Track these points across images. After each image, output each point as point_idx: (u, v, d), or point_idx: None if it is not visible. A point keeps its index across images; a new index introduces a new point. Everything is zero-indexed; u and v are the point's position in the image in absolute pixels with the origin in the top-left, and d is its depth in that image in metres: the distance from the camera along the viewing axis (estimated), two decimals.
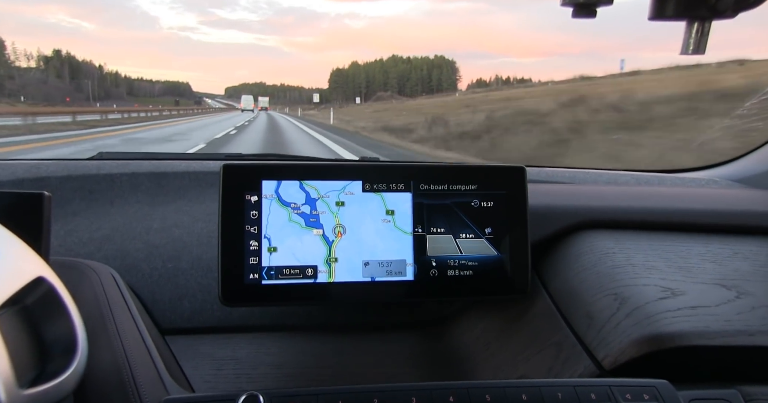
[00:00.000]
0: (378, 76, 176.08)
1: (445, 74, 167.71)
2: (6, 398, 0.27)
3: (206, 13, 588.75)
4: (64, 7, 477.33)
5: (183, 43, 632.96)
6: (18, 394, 0.28)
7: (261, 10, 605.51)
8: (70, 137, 12.47)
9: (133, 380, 0.46)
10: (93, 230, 0.74)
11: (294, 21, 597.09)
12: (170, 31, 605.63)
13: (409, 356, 0.69)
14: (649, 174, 1.02)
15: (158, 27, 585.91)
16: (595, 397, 0.45)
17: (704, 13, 0.38)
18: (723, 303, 0.55)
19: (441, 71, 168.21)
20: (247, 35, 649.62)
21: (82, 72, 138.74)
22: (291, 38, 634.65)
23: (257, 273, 0.58)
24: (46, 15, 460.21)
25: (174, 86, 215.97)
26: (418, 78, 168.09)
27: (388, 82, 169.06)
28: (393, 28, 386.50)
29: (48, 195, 0.47)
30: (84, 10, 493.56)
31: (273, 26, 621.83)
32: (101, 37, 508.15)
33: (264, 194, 0.59)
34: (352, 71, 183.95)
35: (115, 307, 0.54)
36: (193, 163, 0.88)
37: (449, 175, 0.62)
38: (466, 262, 0.61)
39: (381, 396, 0.44)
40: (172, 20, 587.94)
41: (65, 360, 0.33)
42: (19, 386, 0.29)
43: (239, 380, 0.62)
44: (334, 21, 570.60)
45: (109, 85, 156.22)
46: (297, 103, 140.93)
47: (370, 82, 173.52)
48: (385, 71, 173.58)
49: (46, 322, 0.33)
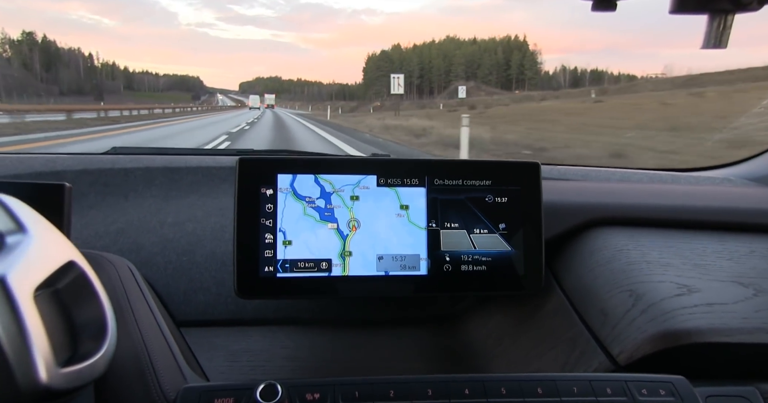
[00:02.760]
0: (437, 61, 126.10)
1: (527, 59, 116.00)
2: (46, 375, 0.28)
3: (224, 9, 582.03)
4: (85, 4, 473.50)
5: (200, 39, 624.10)
6: (56, 372, 0.29)
7: (278, 6, 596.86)
8: None
9: (152, 368, 0.46)
10: (108, 224, 0.75)
11: (311, 17, 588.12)
12: (188, 27, 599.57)
13: (422, 351, 0.69)
14: (662, 172, 1.02)
15: (177, 23, 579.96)
16: (611, 392, 0.44)
17: (727, 6, 0.37)
18: (740, 301, 0.55)
19: (522, 55, 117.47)
20: (263, 31, 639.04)
21: (62, 61, 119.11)
22: (307, 34, 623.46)
23: (272, 266, 0.58)
24: (69, 12, 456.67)
25: (181, 80, 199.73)
26: (492, 64, 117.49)
27: (452, 70, 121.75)
28: (410, 24, 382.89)
29: (68, 186, 0.48)
30: (105, 7, 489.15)
31: (290, 22, 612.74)
32: (121, 33, 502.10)
33: (279, 188, 0.59)
34: (396, 56, 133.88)
35: (133, 298, 0.54)
36: (205, 159, 0.88)
37: (463, 171, 0.62)
38: (480, 257, 0.61)
39: (397, 388, 0.44)
40: (191, 16, 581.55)
41: (96, 343, 0.33)
42: (56, 365, 0.30)
43: (254, 371, 0.62)
44: (350, 17, 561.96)
45: (104, 77, 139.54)
46: (317, 100, 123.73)
47: (425, 70, 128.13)
48: (445, 55, 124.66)
49: (77, 305, 0.33)
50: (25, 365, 0.28)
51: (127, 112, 27.65)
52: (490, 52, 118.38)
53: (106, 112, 26.79)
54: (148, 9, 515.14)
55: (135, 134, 14.00)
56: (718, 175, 1.02)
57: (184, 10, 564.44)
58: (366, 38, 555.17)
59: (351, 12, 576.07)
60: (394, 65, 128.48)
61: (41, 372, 0.28)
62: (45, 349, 0.29)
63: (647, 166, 1.07)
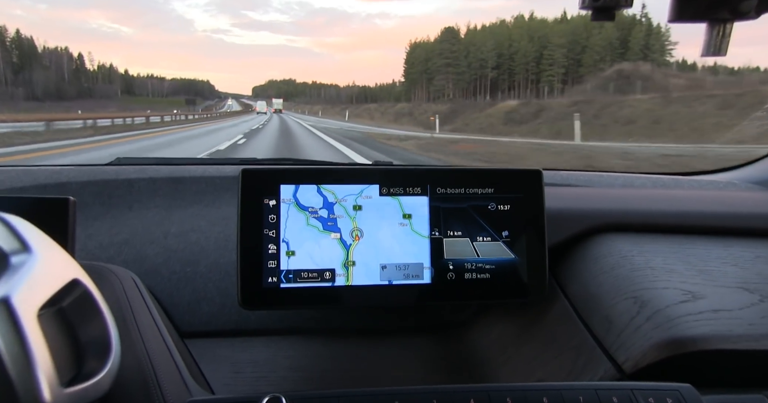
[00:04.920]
0: (522, 44, 79.17)
1: (654, 37, 67.41)
2: (49, 396, 0.28)
3: (239, 15, 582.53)
4: (104, 12, 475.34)
5: (216, 45, 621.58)
6: (60, 392, 0.29)
7: (293, 11, 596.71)
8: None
9: (156, 381, 0.46)
10: (113, 235, 0.75)
11: (325, 22, 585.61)
12: (204, 33, 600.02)
13: (425, 360, 0.68)
14: (665, 177, 1.01)
15: (192, 30, 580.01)
16: (617, 400, 0.44)
17: (725, 16, 0.38)
18: (746, 307, 0.54)
19: (646, 34, 68.80)
20: (278, 37, 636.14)
21: (38, 60, 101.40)
22: (322, 39, 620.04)
23: (276, 276, 0.58)
24: (88, 21, 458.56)
25: (189, 84, 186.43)
26: (606, 43, 70.20)
27: (546, 54, 75.67)
28: (424, 27, 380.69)
29: (73, 200, 0.48)
30: (123, 14, 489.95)
31: (304, 27, 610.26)
32: (138, 41, 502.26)
33: (282, 198, 0.59)
34: (468, 39, 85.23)
35: (137, 310, 0.54)
36: (209, 168, 0.89)
37: (466, 179, 0.62)
38: (483, 265, 0.61)
39: (402, 399, 0.44)
40: (206, 23, 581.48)
41: (100, 361, 0.33)
42: (60, 385, 0.30)
43: (258, 382, 0.62)
44: (364, 21, 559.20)
45: (99, 81, 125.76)
46: (336, 103, 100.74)
47: (504, 58, 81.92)
48: (531, 36, 78.87)
49: (81, 324, 0.33)
50: (28, 386, 0.28)
51: (91, 121, 19.28)
52: (597, 28, 70.96)
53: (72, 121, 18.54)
54: (164, 16, 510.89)
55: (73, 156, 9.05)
56: (721, 179, 1.02)
57: (199, 17, 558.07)
58: (380, 42, 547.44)
59: (365, 16, 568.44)
60: (458, 54, 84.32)
61: (45, 393, 0.28)
62: (49, 369, 0.29)
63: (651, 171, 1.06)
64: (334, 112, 60.44)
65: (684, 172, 1.10)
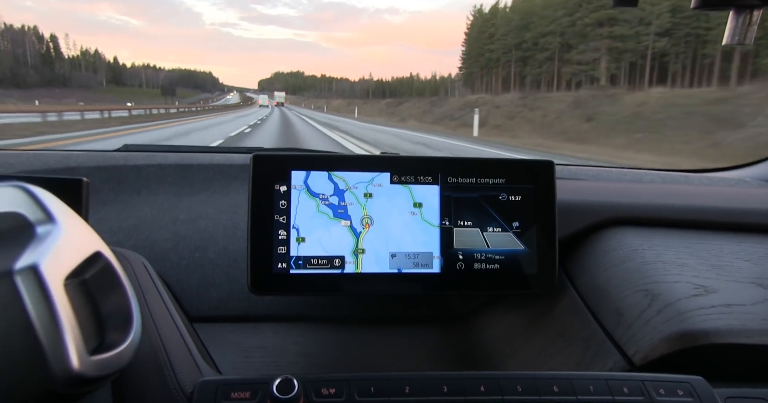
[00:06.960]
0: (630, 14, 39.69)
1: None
2: (78, 362, 0.28)
3: (248, 8, 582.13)
4: (113, 5, 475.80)
5: (224, 38, 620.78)
6: (87, 359, 0.30)
7: (301, 6, 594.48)
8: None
9: (169, 362, 0.46)
10: (122, 220, 0.75)
11: (333, 16, 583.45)
12: (212, 26, 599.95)
13: (433, 350, 0.68)
14: (675, 173, 1.01)
15: (201, 23, 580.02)
16: (627, 391, 0.44)
17: (752, 1, 0.36)
18: (759, 302, 0.54)
19: None
20: (286, 31, 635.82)
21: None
22: (330, 33, 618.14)
23: (285, 262, 0.58)
24: (97, 13, 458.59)
25: (189, 76, 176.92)
26: None
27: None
28: (433, 23, 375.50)
29: (86, 181, 0.48)
30: (132, 7, 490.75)
31: (312, 22, 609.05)
32: (147, 33, 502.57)
33: (293, 185, 0.59)
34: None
35: (148, 293, 0.55)
36: (217, 156, 0.89)
37: (477, 169, 0.62)
38: (493, 256, 0.61)
39: (412, 384, 0.44)
40: (215, 16, 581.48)
41: (122, 333, 0.34)
42: (87, 353, 0.30)
43: (267, 367, 0.62)
44: (373, 16, 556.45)
45: (83, 69, 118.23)
46: (351, 97, 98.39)
47: (568, 35, 51.04)
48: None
49: (104, 295, 0.34)
50: (58, 352, 0.28)
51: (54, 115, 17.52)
52: None
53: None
54: (173, 9, 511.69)
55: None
56: (732, 176, 1.01)
57: (208, 10, 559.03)
58: (389, 37, 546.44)
59: (374, 11, 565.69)
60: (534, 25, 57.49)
61: (73, 359, 0.28)
62: (76, 337, 0.29)
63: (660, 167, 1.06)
64: (348, 110, 48.06)
65: (693, 169, 1.10)
